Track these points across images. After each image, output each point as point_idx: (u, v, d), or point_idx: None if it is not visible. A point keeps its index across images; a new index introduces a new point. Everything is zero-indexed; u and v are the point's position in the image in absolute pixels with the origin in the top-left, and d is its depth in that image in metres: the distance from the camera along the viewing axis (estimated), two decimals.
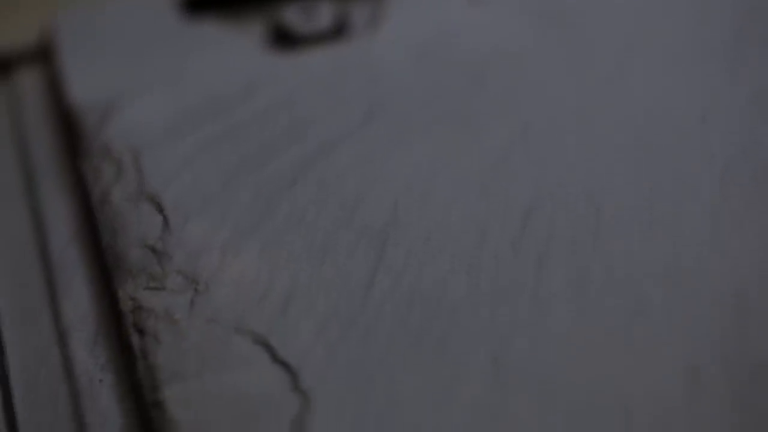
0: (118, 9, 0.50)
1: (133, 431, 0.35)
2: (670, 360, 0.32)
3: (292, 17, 0.48)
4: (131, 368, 0.36)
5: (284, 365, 0.34)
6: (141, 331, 0.36)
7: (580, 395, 0.32)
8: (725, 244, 0.35)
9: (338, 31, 0.47)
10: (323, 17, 0.48)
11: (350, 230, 0.38)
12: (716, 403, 0.31)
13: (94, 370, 0.37)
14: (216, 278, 0.37)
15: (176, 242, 0.38)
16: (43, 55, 0.49)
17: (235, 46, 0.47)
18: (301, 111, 0.43)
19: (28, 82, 0.49)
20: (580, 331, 0.33)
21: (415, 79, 0.44)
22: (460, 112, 0.42)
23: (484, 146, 0.41)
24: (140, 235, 0.39)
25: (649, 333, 0.33)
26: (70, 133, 0.45)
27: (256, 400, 0.33)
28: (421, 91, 0.43)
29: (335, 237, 0.38)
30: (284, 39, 0.47)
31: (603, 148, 0.40)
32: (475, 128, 0.41)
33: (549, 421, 0.31)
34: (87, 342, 0.38)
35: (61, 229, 0.42)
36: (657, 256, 0.35)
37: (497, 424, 0.31)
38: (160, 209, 0.40)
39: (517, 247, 0.36)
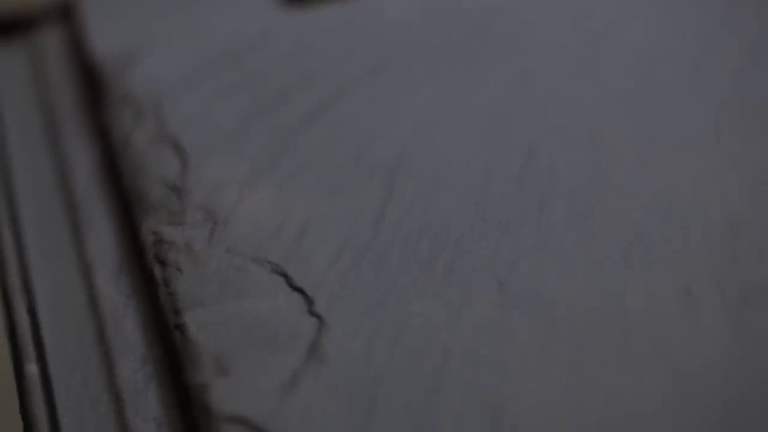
0: None
1: (156, 357, 0.36)
2: (665, 281, 0.33)
3: None
4: (154, 297, 0.37)
5: (300, 292, 0.35)
6: (162, 262, 0.37)
7: (580, 312, 0.33)
8: (718, 178, 0.37)
9: None
10: None
11: (361, 169, 0.39)
12: (709, 319, 0.32)
13: (118, 300, 0.38)
14: (233, 213, 0.38)
15: (195, 181, 0.39)
16: (65, 12, 0.51)
17: (250, 1, 0.48)
18: (313, 61, 0.44)
19: (51, 39, 0.50)
20: (580, 257, 0.35)
21: (422, 30, 0.45)
22: (465, 60, 0.43)
23: (488, 91, 0.42)
24: (161, 174, 0.40)
25: (646, 258, 0.34)
26: (92, 83, 0.46)
27: (274, 324, 0.34)
28: (427, 42, 0.44)
29: (347, 175, 0.39)
30: None
31: (602, 90, 0.41)
32: (479, 74, 0.42)
33: (551, 337, 0.32)
34: (111, 274, 0.39)
35: (84, 172, 0.43)
36: (654, 188, 0.37)
37: (503, 341, 0.32)
38: (180, 151, 0.41)
39: (521, 182, 0.38)
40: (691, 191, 0.36)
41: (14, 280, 0.39)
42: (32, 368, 0.36)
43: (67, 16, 0.50)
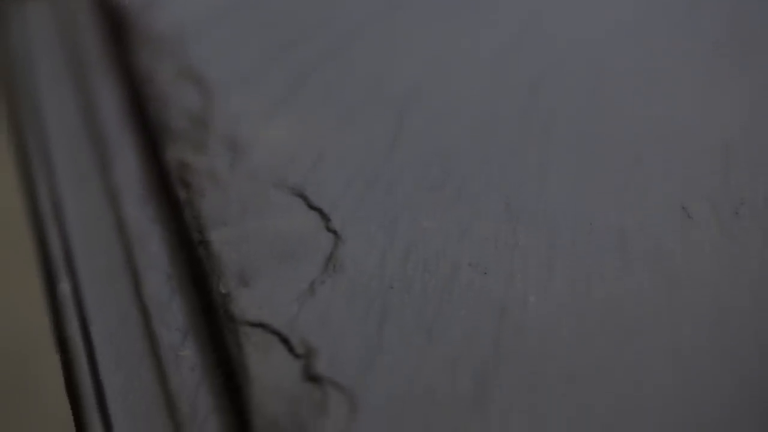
0: None
1: (180, 273, 0.37)
2: (661, 199, 0.35)
3: None
4: (178, 219, 0.39)
5: (317, 210, 0.36)
6: (187, 186, 0.39)
7: (581, 227, 0.34)
8: (713, 105, 0.38)
9: None
10: None
11: (375, 101, 0.41)
12: (702, 233, 0.34)
13: (144, 223, 0.40)
14: (254, 142, 0.40)
15: (217, 113, 0.41)
16: None
17: None
18: (332, 0, 0.46)
19: None
20: (582, 178, 0.36)
21: None
22: (476, 1, 0.45)
23: (498, 28, 0.43)
24: (184, 107, 0.42)
25: (645, 179, 0.36)
26: (117, 23, 0.48)
27: (293, 240, 0.36)
28: None
29: (362, 107, 0.41)
30: None
31: (604, 27, 0.42)
32: (489, 13, 0.44)
33: (554, 250, 0.34)
34: (137, 200, 0.40)
35: (110, 107, 0.45)
36: (653, 116, 0.38)
37: (509, 254, 0.34)
38: (202, 86, 0.42)
39: (527, 112, 0.39)
40: (688, 118, 0.38)
41: (45, 206, 0.41)
42: (65, 287, 0.37)
43: None
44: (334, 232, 0.36)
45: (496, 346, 0.32)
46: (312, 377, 0.32)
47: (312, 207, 0.37)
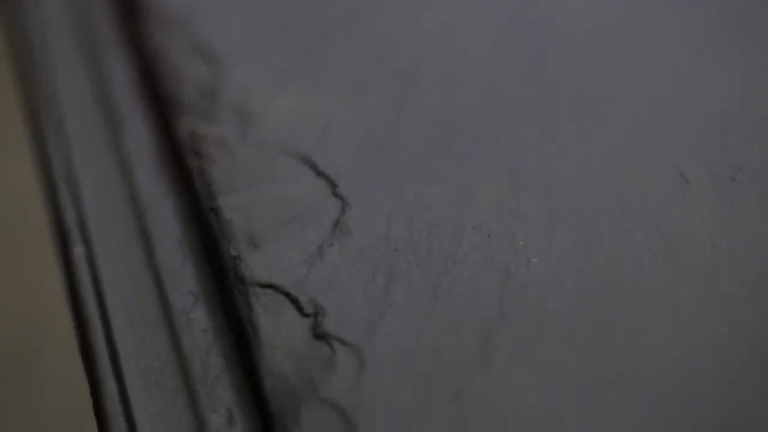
0: None
1: (191, 240, 0.38)
2: (660, 166, 0.36)
3: None
4: (190, 187, 0.39)
5: (325, 177, 0.37)
6: (197, 154, 0.39)
7: (582, 193, 0.35)
8: (711, 76, 0.39)
9: None
10: None
11: (381, 73, 0.41)
12: (700, 197, 0.35)
13: (157, 192, 0.40)
14: (263, 113, 0.40)
15: (227, 85, 0.42)
16: None
17: None
18: None
19: None
20: (583, 147, 0.37)
21: None
22: None
23: (500, 5, 0.44)
24: (194, 79, 0.42)
25: (644, 147, 0.37)
26: (128, 0, 0.48)
27: (301, 206, 0.36)
28: None
29: (369, 78, 0.41)
30: None
31: (604, 3, 0.43)
32: None
33: (556, 213, 0.35)
34: (149, 170, 0.41)
35: (122, 80, 0.45)
36: (652, 86, 0.39)
37: (512, 218, 0.35)
38: (212, 59, 0.43)
39: (530, 83, 0.40)
40: (687, 88, 0.38)
41: (59, 174, 0.41)
42: (79, 250, 0.38)
43: None
44: (341, 198, 0.36)
45: (499, 306, 0.32)
46: (320, 335, 0.32)
47: (319, 174, 0.37)
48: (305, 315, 0.33)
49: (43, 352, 1.24)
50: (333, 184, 0.37)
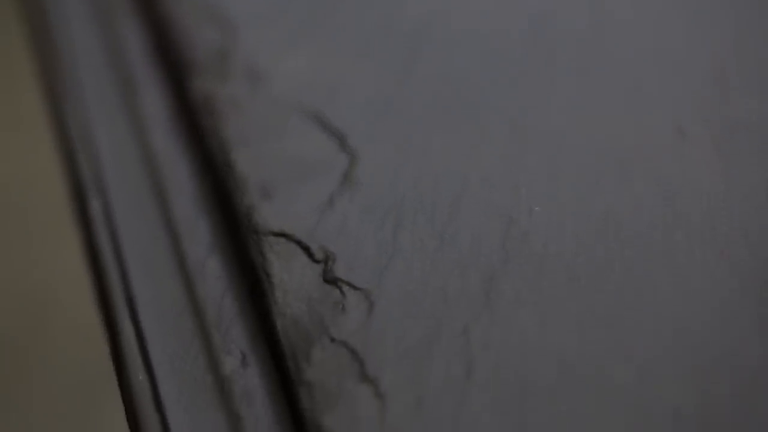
0: None
1: (206, 194, 0.39)
2: (660, 121, 0.37)
3: None
4: (204, 145, 0.41)
5: (334, 132, 0.38)
6: (211, 113, 0.41)
7: (583, 145, 0.36)
8: (709, 32, 0.40)
9: None
10: None
11: (390, 33, 0.43)
12: (698, 150, 0.36)
13: (171, 151, 0.41)
14: (274, 72, 0.42)
15: (238, 46, 0.43)
16: None
17: None
18: None
19: None
20: (585, 102, 0.38)
21: None
22: None
23: None
24: (206, 41, 0.43)
25: (643, 103, 0.38)
26: None
27: (312, 159, 0.38)
28: None
29: (377, 38, 0.42)
30: None
31: None
32: None
33: (558, 165, 0.36)
34: (164, 129, 0.42)
35: (136, 45, 0.47)
36: (649, 43, 0.40)
37: (516, 169, 0.36)
38: (223, 21, 0.44)
39: (533, 42, 0.41)
40: (684, 44, 0.40)
41: (76, 135, 0.43)
42: (96, 204, 0.39)
43: None
44: (351, 152, 0.37)
45: (503, 250, 0.33)
46: (331, 280, 0.34)
47: (329, 129, 0.39)
48: (316, 261, 0.34)
49: (52, 327, 1.25)
50: (343, 139, 0.38)
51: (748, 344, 0.31)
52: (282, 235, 0.35)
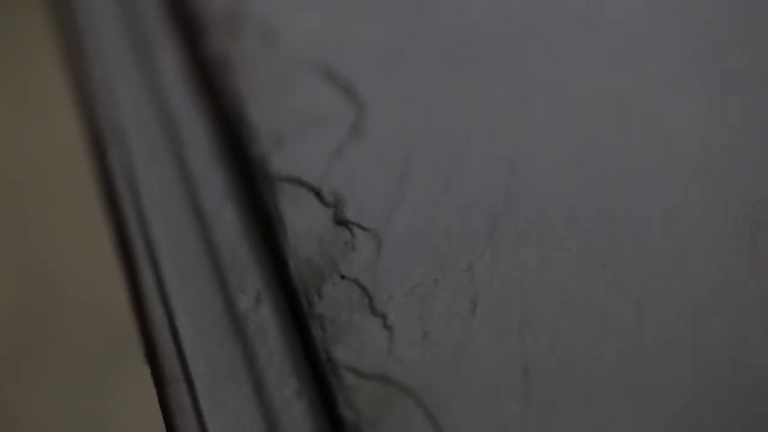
0: None
1: (220, 146, 0.41)
2: (654, 71, 0.38)
3: None
4: (218, 101, 0.42)
5: (344, 84, 0.40)
6: (224, 69, 0.42)
7: (583, 94, 0.37)
8: None
9: None
10: None
11: None
12: (692, 99, 0.37)
13: (188, 107, 0.43)
14: (285, 28, 0.43)
15: (250, 5, 0.44)
16: None
17: None
18: None
19: None
20: (583, 57, 0.39)
21: None
22: None
23: None
24: (219, 2, 0.45)
25: (638, 56, 0.39)
26: None
27: (323, 110, 0.39)
28: None
29: None
30: None
31: None
32: None
33: (559, 113, 0.37)
34: (179, 87, 0.44)
35: (150, 8, 0.48)
36: (644, 3, 0.41)
37: (519, 118, 0.37)
38: None
39: (533, 2, 0.42)
40: (676, 3, 0.41)
41: (95, 91, 0.44)
42: (114, 155, 0.41)
43: None
44: (359, 103, 0.39)
45: (506, 193, 0.35)
46: (341, 222, 0.35)
47: (339, 82, 0.40)
48: (327, 205, 0.36)
49: (62, 306, 1.26)
50: (352, 91, 0.39)
51: (739, 281, 0.32)
52: (294, 181, 0.36)
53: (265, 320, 0.34)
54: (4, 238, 1.33)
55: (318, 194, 0.36)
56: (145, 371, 1.18)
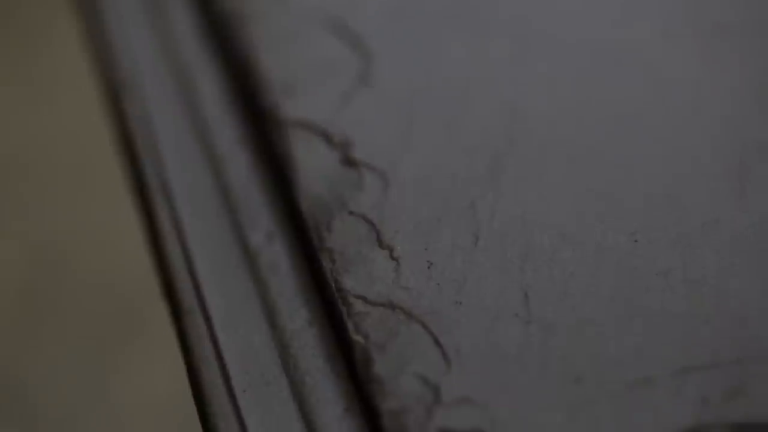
0: None
1: (234, 95, 0.42)
2: (649, 24, 0.39)
3: None
4: (230, 52, 0.43)
5: (352, 35, 0.41)
6: (236, 21, 0.43)
7: (581, 47, 0.39)
8: None
9: None
10: None
11: None
12: (682, 49, 0.38)
13: (201, 57, 0.44)
14: None
15: None
16: None
17: None
18: None
19: None
20: (580, 9, 0.41)
21: None
22: None
23: None
24: None
25: (632, 8, 0.40)
26: None
27: (332, 60, 0.40)
28: None
29: None
30: None
31: None
32: None
33: (559, 60, 0.38)
34: (192, 38, 0.45)
35: None
36: None
37: (520, 67, 0.39)
38: None
39: None
40: None
41: (113, 45, 0.45)
42: (130, 99, 0.42)
43: None
44: (367, 53, 0.40)
45: (508, 137, 0.36)
46: (350, 162, 0.36)
47: (347, 33, 0.41)
48: (336, 147, 0.37)
49: (70, 278, 1.28)
50: (360, 43, 0.41)
51: (729, 215, 0.33)
52: (303, 125, 0.38)
53: (276, 255, 0.36)
54: (14, 212, 1.35)
55: (327, 137, 0.37)
56: (153, 348, 1.20)
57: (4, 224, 1.34)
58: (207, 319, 0.34)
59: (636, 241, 0.33)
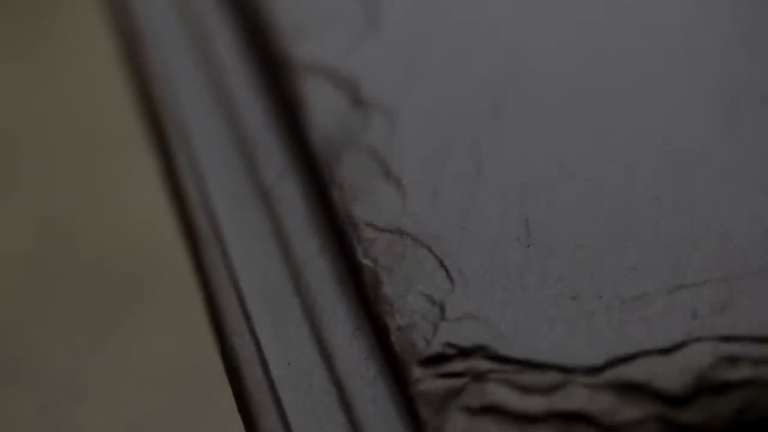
0: None
1: (246, 42, 0.44)
2: None
3: None
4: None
5: None
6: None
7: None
8: None
9: None
10: None
11: None
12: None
13: (213, 7, 0.46)
14: None
15: None
16: None
17: None
18: None
19: None
20: None
21: None
22: None
23: None
24: None
25: None
26: None
27: (338, 7, 0.42)
28: None
29: None
30: None
31: None
32: None
33: (555, 10, 0.40)
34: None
35: None
36: None
37: (519, 12, 0.40)
38: None
39: None
40: None
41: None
42: (148, 48, 0.44)
43: None
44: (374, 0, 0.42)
45: (508, 77, 0.38)
46: (358, 101, 0.38)
47: None
48: (345, 87, 0.39)
49: (79, 250, 1.29)
50: None
51: (719, 148, 0.35)
52: (313, 68, 0.39)
53: (289, 190, 0.37)
54: (23, 184, 1.37)
55: (336, 78, 0.39)
56: (162, 316, 1.21)
57: (14, 195, 1.35)
58: (223, 249, 0.36)
59: (630, 171, 0.34)
